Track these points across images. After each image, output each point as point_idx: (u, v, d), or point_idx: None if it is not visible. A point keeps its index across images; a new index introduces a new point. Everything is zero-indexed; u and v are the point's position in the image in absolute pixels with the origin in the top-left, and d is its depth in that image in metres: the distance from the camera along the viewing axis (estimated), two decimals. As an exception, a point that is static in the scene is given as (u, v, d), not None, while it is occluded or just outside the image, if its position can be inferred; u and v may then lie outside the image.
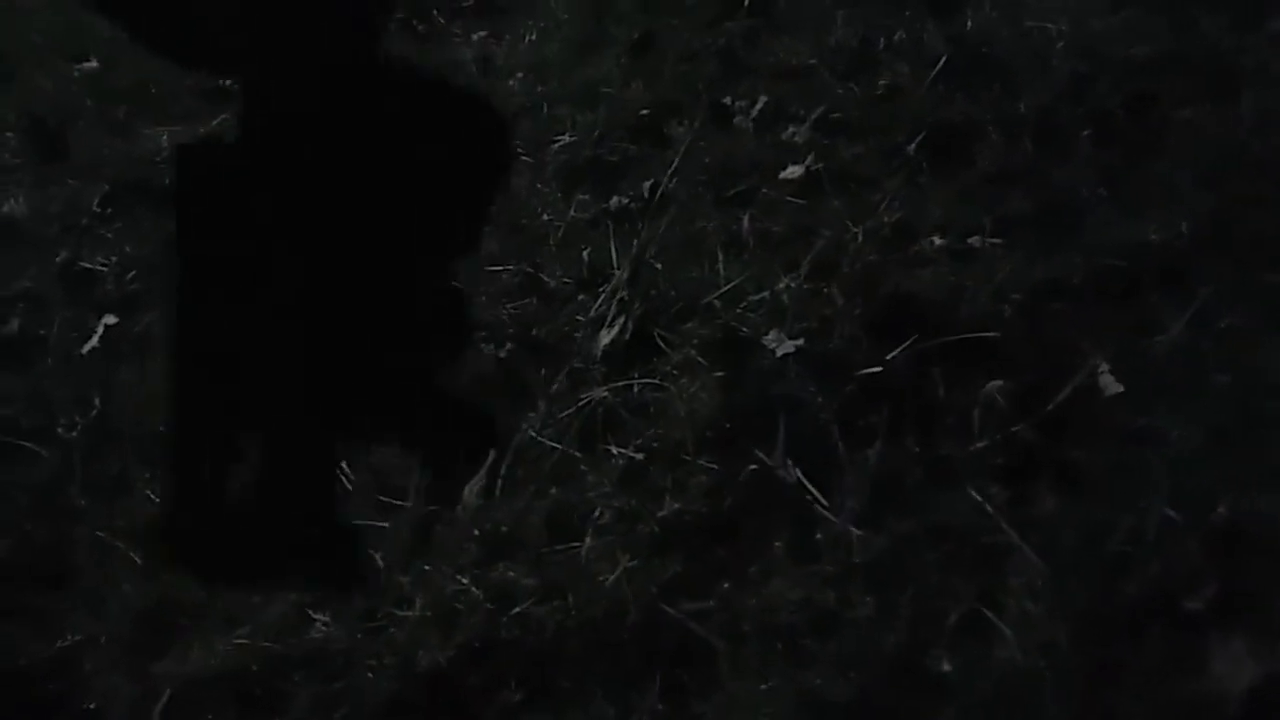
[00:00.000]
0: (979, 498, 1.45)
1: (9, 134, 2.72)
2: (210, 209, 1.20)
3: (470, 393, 1.75)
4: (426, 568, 1.48)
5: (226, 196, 1.22)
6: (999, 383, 1.58)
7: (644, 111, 2.51)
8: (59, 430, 1.89)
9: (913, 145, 2.18)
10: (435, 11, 3.09)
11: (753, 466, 1.58)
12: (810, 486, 1.53)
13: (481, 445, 1.53)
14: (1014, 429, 1.53)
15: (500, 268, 2.11)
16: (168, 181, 2.47)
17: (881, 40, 2.52)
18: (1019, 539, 1.39)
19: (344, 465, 1.44)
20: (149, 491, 1.72)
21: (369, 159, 1.08)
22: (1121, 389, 1.60)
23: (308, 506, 1.26)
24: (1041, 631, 1.29)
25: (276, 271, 1.16)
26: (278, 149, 1.14)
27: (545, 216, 2.24)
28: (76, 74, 2.88)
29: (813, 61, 2.52)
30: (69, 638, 1.49)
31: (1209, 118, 2.04)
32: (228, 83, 2.73)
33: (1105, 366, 1.62)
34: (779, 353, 1.71)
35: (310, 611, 1.44)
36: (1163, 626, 1.27)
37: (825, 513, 1.49)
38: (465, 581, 1.44)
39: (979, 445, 1.53)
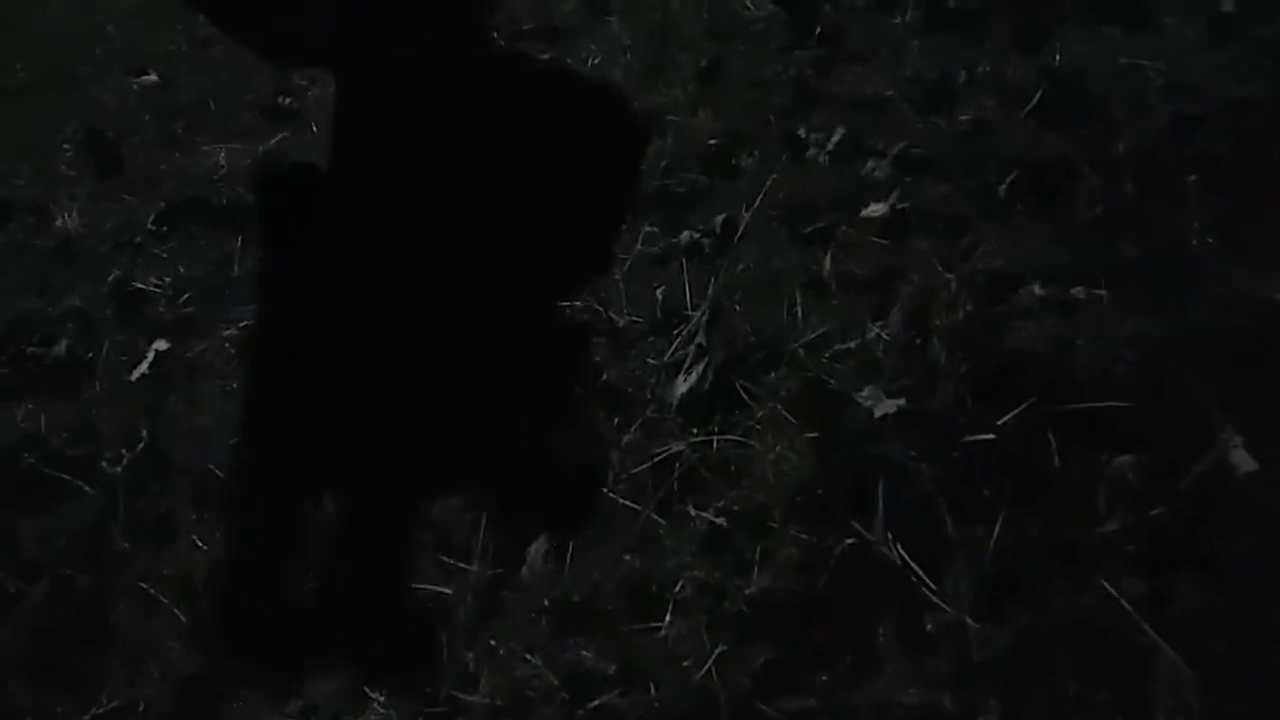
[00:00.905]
0: (1112, 590, 1.24)
1: (66, 146, 2.56)
2: (284, 235, 1.00)
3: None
4: (493, 642, 1.28)
5: (301, 222, 1.02)
6: (1127, 457, 1.37)
7: (713, 141, 2.31)
8: (104, 464, 1.71)
9: (1004, 185, 1.97)
10: (495, 34, 2.91)
11: (849, 540, 1.37)
12: (915, 567, 1.32)
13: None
14: (1149, 512, 1.31)
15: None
16: (225, 201, 2.30)
17: (963, 73, 2.31)
18: (1162, 641, 1.17)
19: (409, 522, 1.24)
20: (195, 537, 1.54)
21: (466, 168, 0.89)
22: (1256, 466, 1.38)
23: (378, 574, 1.06)
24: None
25: (351, 306, 0.96)
26: (364, 156, 0.95)
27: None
28: (136, 87, 2.72)
29: (889, 93, 2.32)
30: (105, 703, 1.30)
31: (1326, 164, 1.83)
32: (288, 100, 2.56)
33: (1238, 440, 1.40)
34: (878, 413, 1.50)
35: (368, 690, 1.25)
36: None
37: (935, 598, 1.28)
38: (537, 662, 1.24)
39: (1108, 528, 1.32)
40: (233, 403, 1.78)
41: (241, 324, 1.98)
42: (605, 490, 1.24)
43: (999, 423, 1.45)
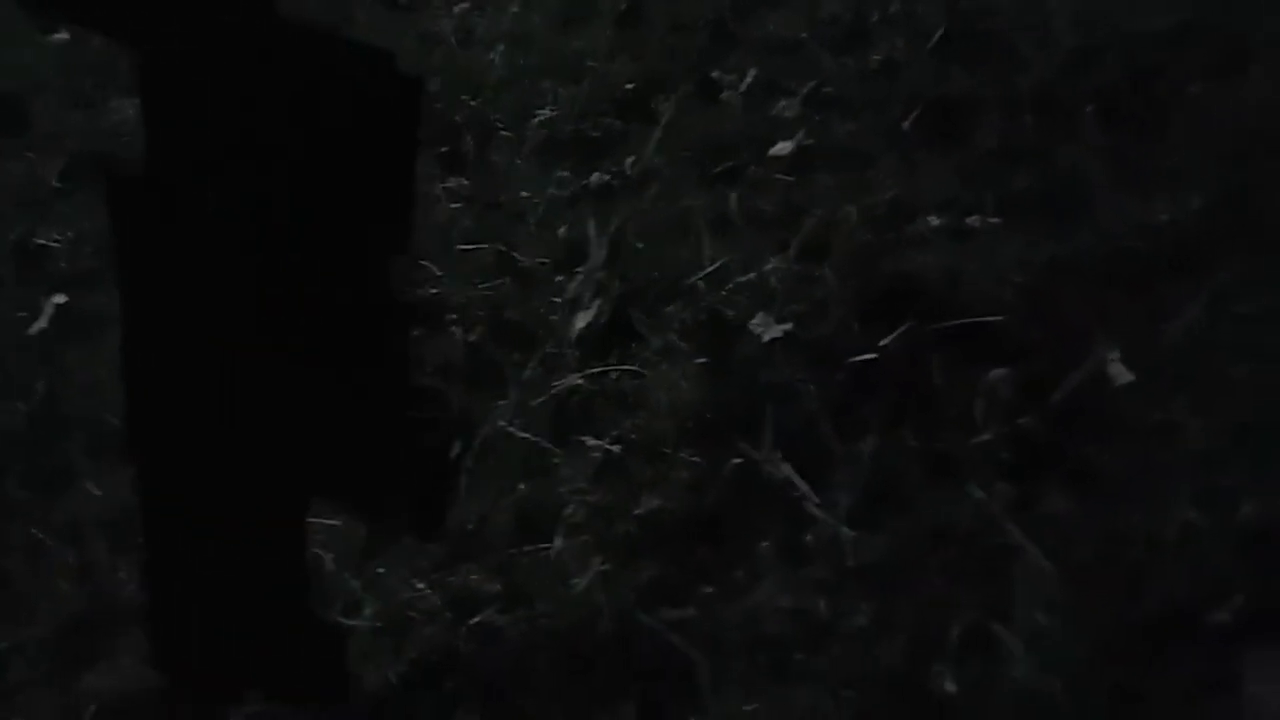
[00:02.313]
0: (983, 496, 1.29)
1: (-32, 104, 2.54)
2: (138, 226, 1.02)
3: (435, 378, 1.58)
4: (380, 570, 1.31)
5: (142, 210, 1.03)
6: (1003, 371, 1.42)
7: (629, 85, 2.34)
8: (2, 417, 1.72)
9: (908, 121, 2.02)
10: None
11: (738, 460, 1.42)
12: (800, 482, 1.37)
13: (445, 435, 1.37)
14: (1020, 421, 1.37)
15: (473, 246, 1.94)
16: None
17: (875, 13, 2.35)
18: (1028, 542, 1.23)
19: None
20: (91, 484, 1.55)
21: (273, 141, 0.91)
22: (1133, 378, 1.44)
23: (282, 592, 1.08)
24: (1054, 648, 1.13)
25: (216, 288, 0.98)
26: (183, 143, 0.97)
27: (523, 194, 2.08)
28: (46, 45, 2.69)
29: (804, 35, 2.35)
30: (-4, 643, 1.33)
31: (1217, 93, 1.88)
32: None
33: (1116, 354, 1.46)
34: (765, 337, 1.55)
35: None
36: (1189, 643, 1.11)
37: (817, 511, 1.33)
38: (422, 587, 1.28)
39: (982, 438, 1.37)
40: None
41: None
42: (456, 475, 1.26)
43: (881, 344, 1.49)
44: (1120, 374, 1.44)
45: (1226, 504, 1.24)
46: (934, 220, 1.78)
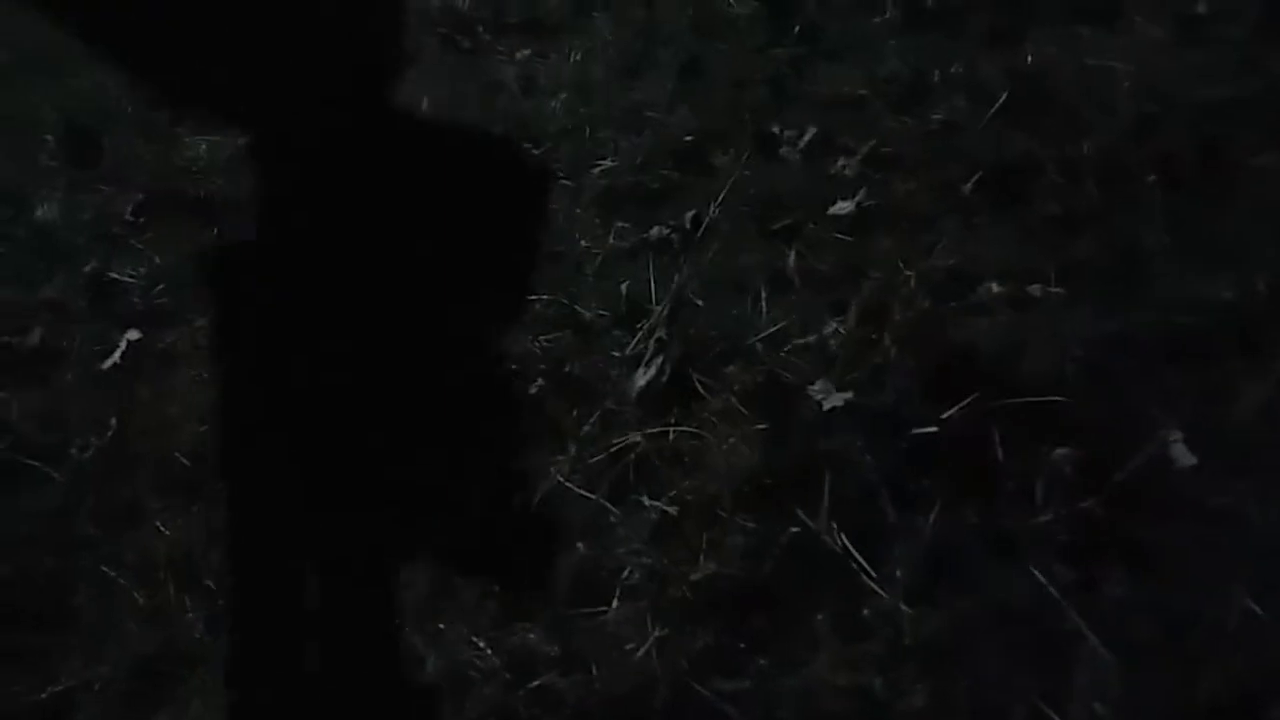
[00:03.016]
0: (1043, 578, 1.30)
1: (47, 136, 2.62)
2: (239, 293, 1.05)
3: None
4: (441, 626, 1.34)
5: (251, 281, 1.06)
6: (1065, 451, 1.42)
7: (689, 138, 2.37)
8: (72, 451, 1.77)
9: (969, 184, 2.03)
10: (480, 28, 2.97)
11: (794, 529, 1.43)
12: (857, 554, 1.37)
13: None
14: (1081, 503, 1.37)
15: (534, 297, 1.97)
16: (203, 193, 2.36)
17: (936, 73, 2.37)
18: (1087, 628, 1.23)
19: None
20: (159, 523, 1.60)
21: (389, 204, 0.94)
22: (1194, 461, 1.43)
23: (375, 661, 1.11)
24: (1113, 738, 1.13)
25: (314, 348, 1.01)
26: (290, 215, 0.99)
27: (583, 244, 2.11)
28: (118, 78, 2.77)
29: (864, 92, 2.37)
30: (62, 682, 1.36)
31: (1284, 167, 1.88)
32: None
33: (1178, 435, 1.45)
34: (826, 405, 1.56)
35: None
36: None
37: (873, 585, 1.34)
38: (482, 645, 1.30)
39: (1043, 519, 1.37)
40: (202, 393, 1.84)
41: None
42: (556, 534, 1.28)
43: (943, 416, 1.50)
44: (1182, 456, 1.43)
45: (1289, 597, 1.23)
46: (994, 288, 1.79)
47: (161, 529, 1.58)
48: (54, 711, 1.32)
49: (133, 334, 2.02)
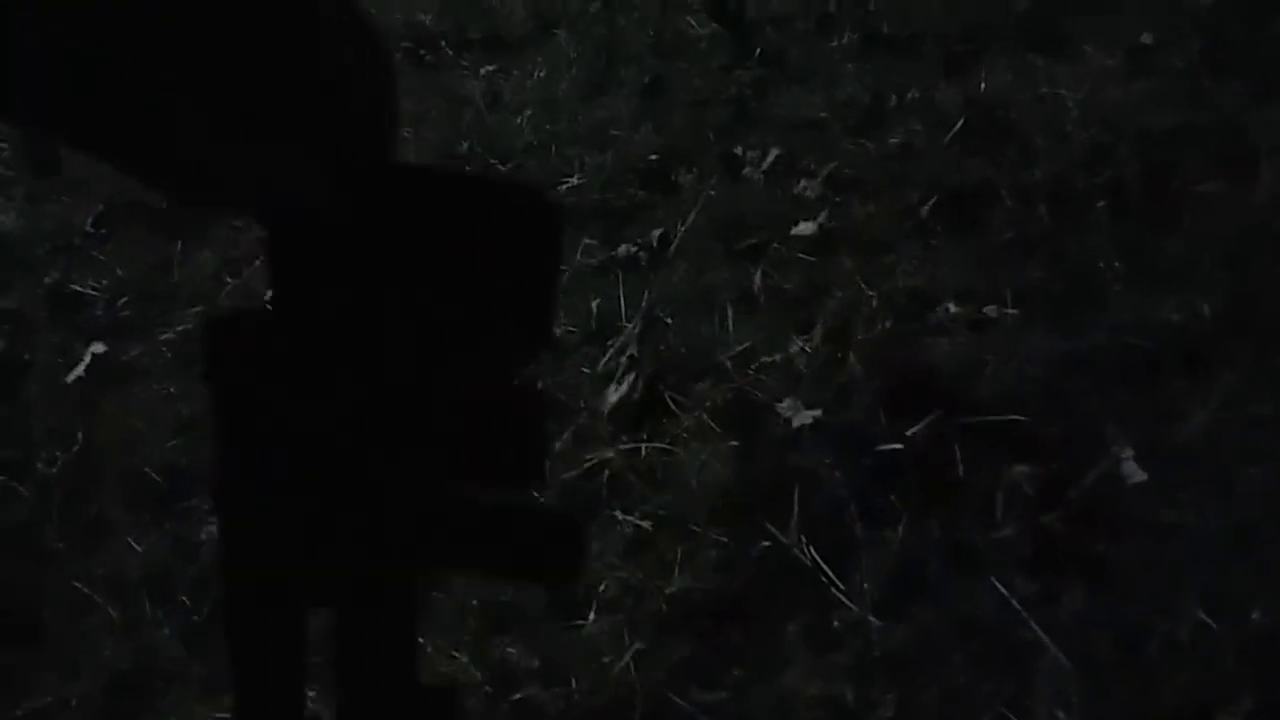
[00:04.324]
0: (1004, 591, 1.35)
1: (3, 145, 2.59)
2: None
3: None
4: (420, 640, 1.35)
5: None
6: (1024, 468, 1.48)
7: (653, 157, 2.42)
8: (38, 465, 1.76)
9: (926, 207, 2.10)
10: (443, 43, 2.99)
11: (766, 543, 1.47)
12: (826, 568, 1.42)
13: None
14: (1040, 518, 1.43)
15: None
16: (165, 205, 2.35)
17: (894, 97, 2.44)
18: (1047, 639, 1.29)
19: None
20: (130, 538, 1.59)
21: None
22: (1145, 477, 1.50)
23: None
24: (1074, 744, 1.19)
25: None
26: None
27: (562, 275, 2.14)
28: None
29: (823, 115, 2.44)
30: (38, 699, 1.36)
31: (1227, 193, 1.97)
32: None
33: (1129, 453, 1.52)
34: (795, 423, 1.61)
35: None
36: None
37: (842, 597, 1.38)
38: (463, 658, 1.32)
39: (1004, 533, 1.43)
40: (169, 407, 1.83)
41: (179, 328, 2.04)
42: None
43: (908, 433, 1.55)
44: (1133, 473, 1.50)
45: (1236, 606, 1.30)
46: (952, 308, 1.85)
47: (133, 544, 1.58)
48: (29, 729, 1.31)
49: (97, 347, 2.01)
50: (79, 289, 2.17)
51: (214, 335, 1.12)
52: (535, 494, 1.06)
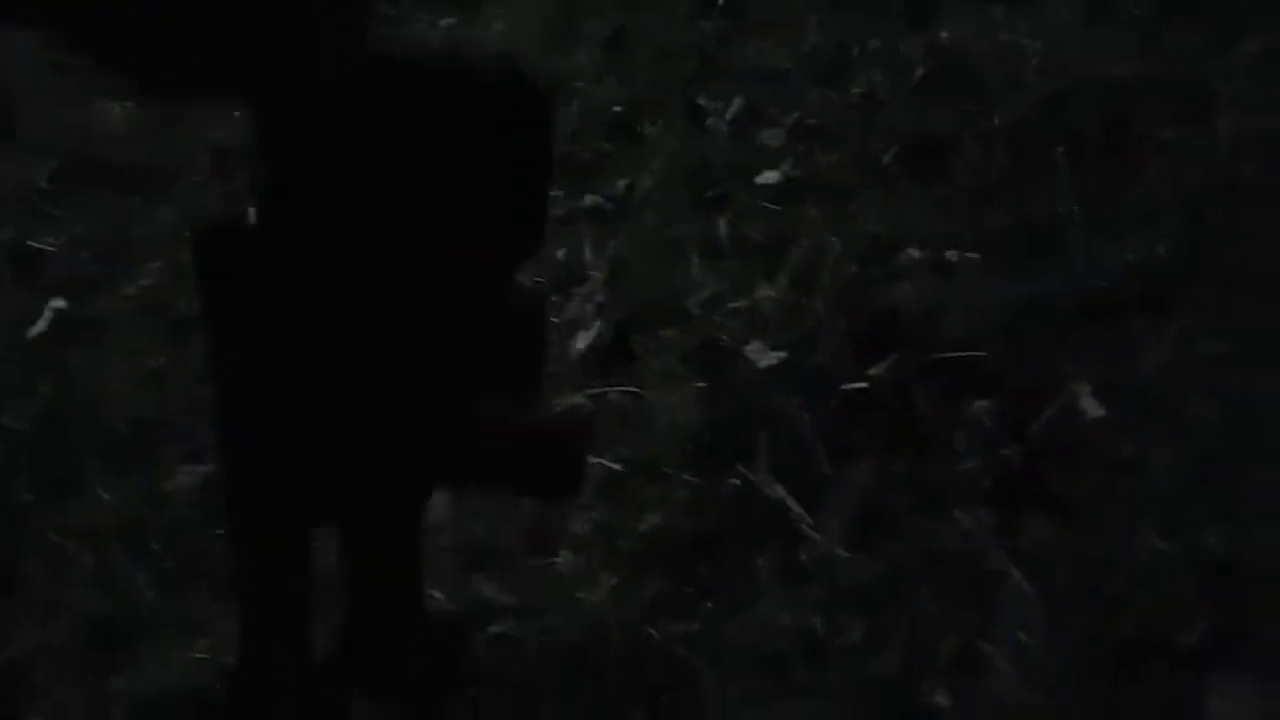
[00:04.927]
0: (967, 523, 1.39)
1: (-44, 102, 2.54)
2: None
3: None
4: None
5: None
6: (984, 403, 1.52)
7: (617, 108, 2.42)
8: (4, 420, 1.75)
9: (889, 156, 2.12)
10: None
11: (735, 482, 1.51)
12: (795, 504, 1.45)
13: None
14: (1001, 452, 1.47)
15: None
16: (124, 159, 2.33)
17: (856, 47, 2.45)
18: (1011, 566, 1.33)
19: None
20: (101, 489, 1.59)
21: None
22: (1102, 413, 1.55)
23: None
24: (1036, 665, 1.23)
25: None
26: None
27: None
28: (30, 42, 2.70)
29: (787, 65, 2.45)
30: (16, 647, 1.36)
31: (1185, 139, 2.01)
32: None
33: (1087, 389, 1.57)
34: (761, 364, 1.64)
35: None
36: (1160, 663, 1.22)
37: (811, 532, 1.42)
38: (440, 595, 1.35)
39: (966, 467, 1.47)
40: (134, 360, 1.83)
41: (142, 283, 2.02)
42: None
43: (872, 373, 1.59)
44: (1091, 408, 1.54)
45: (1191, 535, 1.35)
46: (915, 254, 1.88)
47: (104, 494, 1.58)
48: (9, 676, 1.32)
49: (58, 302, 2.00)
50: (37, 245, 2.14)
51: (204, 247, 1.11)
52: (533, 408, 1.07)
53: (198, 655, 1.32)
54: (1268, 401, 1.48)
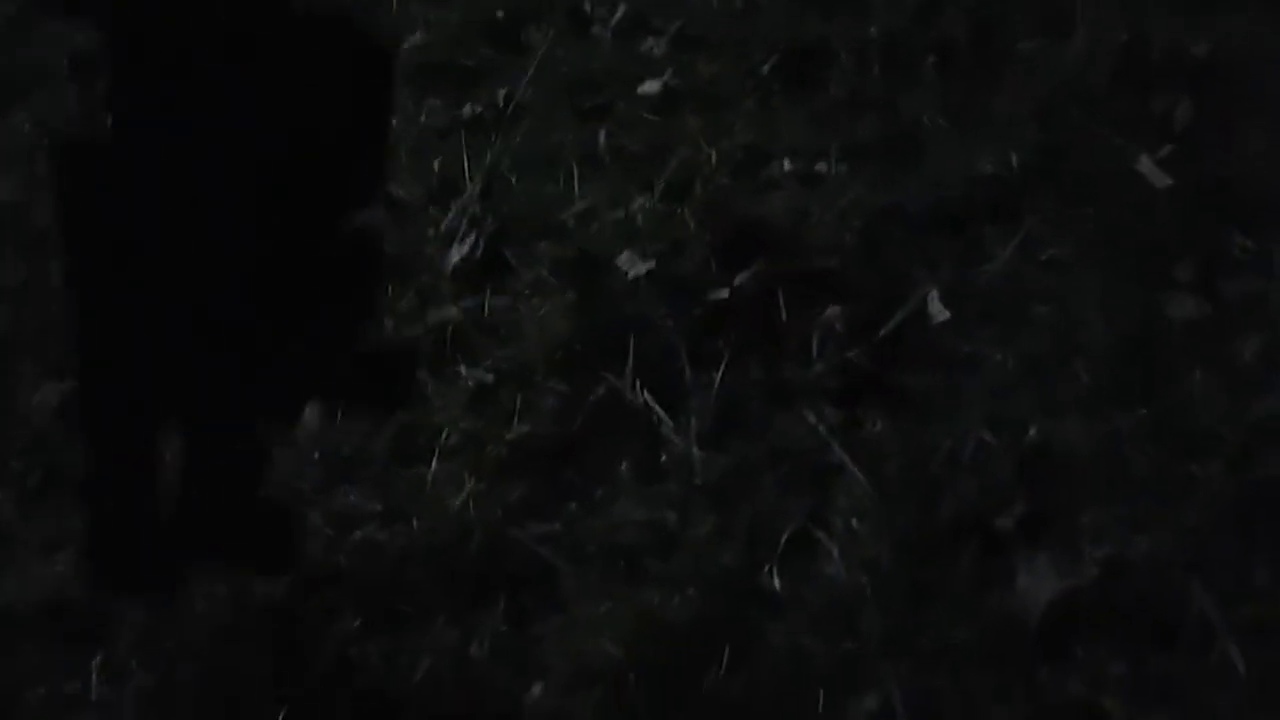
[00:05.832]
0: (813, 420, 1.50)
1: None
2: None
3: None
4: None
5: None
6: (837, 309, 1.62)
7: (500, 14, 2.42)
8: None
9: (767, 66, 2.17)
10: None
11: (602, 389, 1.59)
12: (657, 408, 1.54)
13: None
14: (849, 354, 1.57)
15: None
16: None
17: (739, -46, 2.47)
18: (849, 460, 1.44)
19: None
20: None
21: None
22: (949, 316, 1.65)
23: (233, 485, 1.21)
24: (865, 550, 1.35)
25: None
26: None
27: (395, 122, 2.15)
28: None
29: (671, -28, 2.46)
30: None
31: (1045, 51, 2.09)
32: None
33: (935, 294, 1.67)
34: (630, 275, 1.71)
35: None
36: (976, 544, 1.34)
37: (671, 435, 1.51)
38: (308, 510, 1.41)
39: (817, 369, 1.57)
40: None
41: None
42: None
43: (735, 283, 1.67)
44: (939, 312, 1.65)
45: (1015, 426, 1.47)
46: (786, 165, 1.95)
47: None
48: None
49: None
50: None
51: (61, 160, 1.18)
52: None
53: (55, 570, 1.37)
54: (1093, 302, 1.60)
